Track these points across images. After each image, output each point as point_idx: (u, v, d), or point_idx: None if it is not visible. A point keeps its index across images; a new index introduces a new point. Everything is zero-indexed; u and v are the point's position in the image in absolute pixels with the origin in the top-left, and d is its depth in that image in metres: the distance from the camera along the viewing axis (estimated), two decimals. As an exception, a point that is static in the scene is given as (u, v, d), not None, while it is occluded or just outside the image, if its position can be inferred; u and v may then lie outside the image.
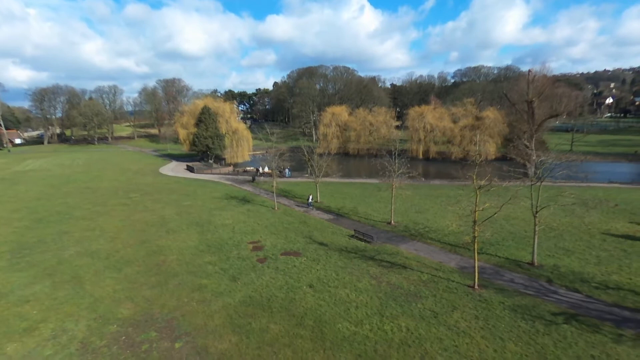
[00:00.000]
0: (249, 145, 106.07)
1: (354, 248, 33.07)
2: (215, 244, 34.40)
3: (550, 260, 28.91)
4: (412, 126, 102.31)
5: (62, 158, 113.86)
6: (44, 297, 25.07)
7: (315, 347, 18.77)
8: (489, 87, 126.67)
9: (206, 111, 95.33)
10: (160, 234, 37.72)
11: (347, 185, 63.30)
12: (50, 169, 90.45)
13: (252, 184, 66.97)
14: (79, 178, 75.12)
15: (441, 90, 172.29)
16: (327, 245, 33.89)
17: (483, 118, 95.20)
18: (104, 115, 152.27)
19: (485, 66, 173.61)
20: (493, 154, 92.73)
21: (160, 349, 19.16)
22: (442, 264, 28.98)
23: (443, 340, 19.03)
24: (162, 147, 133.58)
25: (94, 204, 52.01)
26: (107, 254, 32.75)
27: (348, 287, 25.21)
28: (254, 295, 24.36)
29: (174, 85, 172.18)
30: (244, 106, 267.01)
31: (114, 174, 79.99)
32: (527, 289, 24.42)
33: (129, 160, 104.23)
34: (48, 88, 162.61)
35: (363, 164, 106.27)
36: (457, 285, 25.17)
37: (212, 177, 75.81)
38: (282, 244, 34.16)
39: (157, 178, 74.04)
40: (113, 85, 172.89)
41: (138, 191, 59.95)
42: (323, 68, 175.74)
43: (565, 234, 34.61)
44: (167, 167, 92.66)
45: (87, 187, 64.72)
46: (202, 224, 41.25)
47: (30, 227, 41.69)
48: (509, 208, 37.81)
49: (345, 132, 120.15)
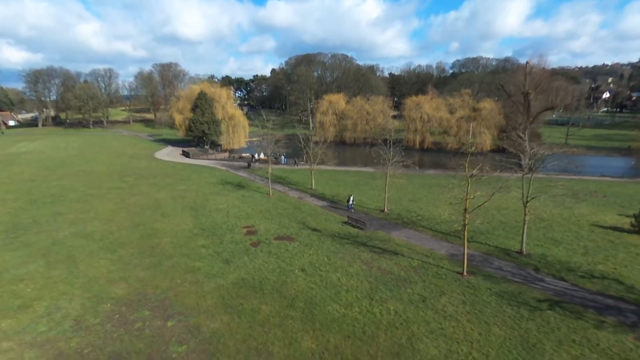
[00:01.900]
0: (245, 131, 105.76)
1: (346, 234, 33.46)
2: (209, 228, 34.67)
3: (538, 249, 29.45)
4: (408, 116, 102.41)
5: (57, 141, 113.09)
6: (38, 276, 25.32)
7: (305, 328, 19.21)
8: (487, 79, 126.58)
9: (203, 96, 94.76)
10: (155, 217, 37.93)
11: (342, 173, 63.57)
12: (45, 152, 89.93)
13: (248, 170, 67.05)
14: (73, 161, 74.84)
15: (439, 81, 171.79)
16: (320, 231, 34.25)
17: (480, 109, 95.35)
18: (99, 99, 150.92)
19: (484, 57, 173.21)
20: (489, 146, 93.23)
21: (153, 327, 19.53)
22: (432, 251, 29.45)
23: (430, 323, 19.52)
24: (158, 132, 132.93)
25: (88, 186, 52.00)
26: (102, 235, 32.96)
27: (339, 271, 25.64)
28: (246, 278, 24.74)
29: (170, 69, 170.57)
30: (241, 92, 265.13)
31: (109, 157, 79.71)
32: (515, 276, 24.95)
33: (124, 145, 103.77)
34: (42, 70, 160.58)
35: (359, 152, 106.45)
36: (446, 271, 25.66)
37: (208, 162, 75.79)
38: (275, 229, 34.48)
39: (152, 162, 73.93)
40: (108, 69, 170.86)
41: (133, 175, 59.92)
42: (321, 55, 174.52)
43: (554, 225, 35.16)
44: (163, 151, 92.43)
45: (81, 170, 64.57)
46: (197, 208, 41.46)
47: (25, 208, 41.73)
48: (500, 198, 38.39)
49: (342, 120, 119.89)
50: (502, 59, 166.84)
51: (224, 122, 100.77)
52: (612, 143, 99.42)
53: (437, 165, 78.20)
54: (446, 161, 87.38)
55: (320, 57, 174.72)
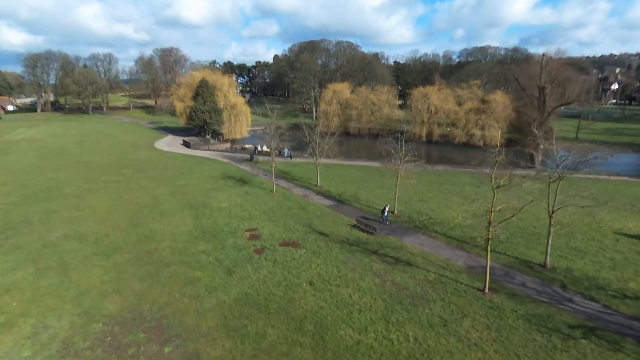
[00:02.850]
0: (248, 120, 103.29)
1: (355, 240, 31.53)
2: (210, 231, 32.75)
3: (562, 261, 27.50)
4: (415, 107, 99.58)
5: (56, 127, 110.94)
6: (26, 286, 23.50)
7: (315, 358, 17.37)
8: (495, 69, 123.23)
9: (204, 84, 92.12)
10: (153, 217, 36.00)
11: (348, 168, 61.33)
12: (43, 139, 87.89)
13: (250, 163, 64.93)
14: (71, 150, 72.79)
15: (445, 70, 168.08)
16: (328, 235, 32.33)
17: (489, 101, 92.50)
18: (99, 85, 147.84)
19: (492, 46, 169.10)
20: (498, 140, 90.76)
21: (148, 353, 17.73)
22: (449, 262, 27.51)
23: (454, 354, 17.66)
24: (158, 120, 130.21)
25: (85, 179, 50.02)
26: (96, 237, 31.08)
27: (350, 285, 23.75)
28: (250, 293, 22.87)
29: (171, 54, 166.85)
30: (243, 79, 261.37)
31: (108, 146, 77.62)
32: (541, 295, 23.04)
33: (123, 132, 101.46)
34: (40, 54, 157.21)
35: (364, 144, 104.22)
36: (466, 287, 23.76)
37: (209, 154, 73.62)
38: (280, 233, 32.56)
39: (152, 153, 71.82)
40: (108, 53, 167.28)
41: (132, 167, 57.87)
42: (326, 42, 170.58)
43: (576, 232, 33.14)
44: (163, 141, 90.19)
45: (79, 160, 62.53)
46: (197, 206, 39.50)
47: (18, 204, 39.86)
48: (517, 200, 36.36)
49: (347, 110, 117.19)
50: (510, 48, 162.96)
51: (225, 110, 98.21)
52: (624, 138, 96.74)
53: (445, 159, 75.94)
54: (454, 155, 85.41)
55: (324, 44, 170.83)
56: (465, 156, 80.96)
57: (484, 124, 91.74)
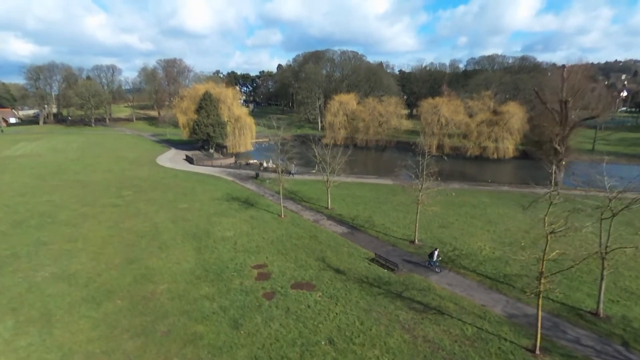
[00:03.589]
0: (252, 133, 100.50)
1: (376, 278, 28.23)
2: (214, 268, 29.54)
3: (615, 308, 24.08)
4: (425, 119, 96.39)
5: (57, 141, 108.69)
6: (2, 347, 20.35)
7: None
8: (505, 78, 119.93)
9: (207, 97, 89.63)
10: (152, 250, 32.85)
11: (358, 186, 58.12)
12: (42, 154, 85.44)
13: (256, 181, 61.92)
14: (70, 167, 70.07)
15: (452, 79, 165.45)
16: (345, 273, 29.05)
17: (502, 113, 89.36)
18: (102, 96, 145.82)
19: (499, 55, 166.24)
20: (511, 152, 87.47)
21: None
22: (485, 309, 24.11)
23: None
24: (162, 132, 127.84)
25: (82, 203, 47.07)
26: (87, 278, 27.94)
27: (377, 345, 20.43)
28: (261, 356, 19.56)
29: (174, 65, 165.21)
30: (247, 88, 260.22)
31: (108, 163, 74.90)
32: (600, 355, 19.63)
33: (125, 146, 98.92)
34: (43, 65, 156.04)
35: (372, 156, 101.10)
36: (512, 347, 20.37)
37: (213, 170, 70.70)
38: (291, 270, 29.30)
39: (153, 170, 68.93)
40: (111, 65, 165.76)
41: (132, 187, 54.93)
42: (330, 52, 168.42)
43: (622, 268, 29.67)
44: (165, 156, 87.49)
45: (77, 179, 59.68)
46: (200, 236, 36.35)
47: (6, 234, 36.87)
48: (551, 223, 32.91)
49: (353, 121, 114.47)
50: (518, 57, 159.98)
51: (229, 123, 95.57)
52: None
53: (459, 175, 72.51)
54: (467, 169, 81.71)
55: (329, 54, 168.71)
56: (479, 170, 77.92)
57: (497, 136, 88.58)
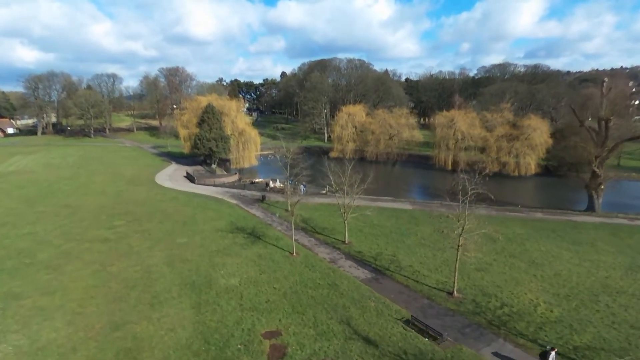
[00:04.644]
0: (257, 147, 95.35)
1: (416, 354, 22.72)
2: (215, 338, 24.03)
3: None
4: (440, 134, 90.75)
5: (53, 154, 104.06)
6: None
7: None
8: (521, 88, 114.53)
9: (210, 110, 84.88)
10: (141, 309, 27.39)
11: (376, 212, 51.68)
12: (35, 171, 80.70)
13: (262, 205, 56.61)
14: (62, 188, 65.04)
15: (462, 88, 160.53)
16: (377, 344, 23.55)
17: (523, 126, 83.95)
18: (101, 107, 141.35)
19: (511, 63, 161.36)
20: (533, 168, 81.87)
21: None
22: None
23: None
24: (162, 143, 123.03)
25: (67, 236, 41.83)
26: (59, 355, 22.49)
27: None
28: None
29: (177, 74, 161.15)
30: (250, 96, 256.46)
31: (104, 182, 69.86)
32: None
33: (123, 161, 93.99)
34: (42, 75, 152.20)
35: (382, 171, 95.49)
36: None
37: (215, 190, 65.47)
38: (311, 341, 23.78)
39: (151, 191, 63.68)
40: (112, 74, 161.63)
41: (125, 215, 49.68)
42: (337, 60, 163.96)
43: None
44: (165, 172, 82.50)
45: (66, 204, 54.49)
46: (200, 285, 30.94)
47: (-26, 281, 31.61)
48: (602, 267, 27.57)
49: (362, 133, 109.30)
50: (531, 65, 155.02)
51: (233, 137, 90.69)
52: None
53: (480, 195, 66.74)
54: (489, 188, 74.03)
55: (335, 62, 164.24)
56: (499, 188, 69.67)
57: (518, 152, 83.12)
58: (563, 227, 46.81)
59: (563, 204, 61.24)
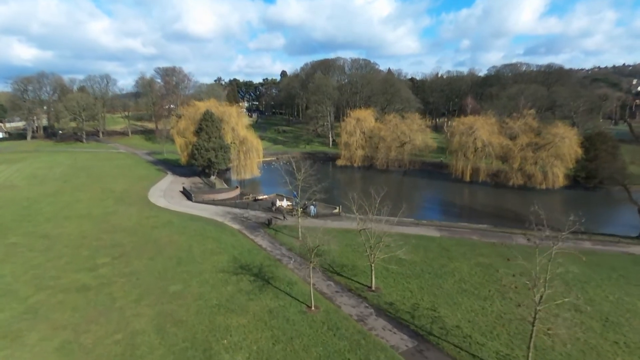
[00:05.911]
0: (259, 155, 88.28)
1: None
2: None
3: None
4: (457, 142, 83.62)
5: (40, 163, 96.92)
6: None
7: None
8: (540, 92, 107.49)
9: (209, 117, 77.97)
10: (118, 412, 20.55)
11: (398, 240, 42.71)
12: (17, 186, 73.72)
13: (269, 230, 49.70)
14: (43, 209, 58.02)
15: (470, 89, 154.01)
16: None
17: (549, 134, 76.99)
18: (93, 110, 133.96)
19: (524, 63, 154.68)
20: (561, 181, 74.91)
21: None
22: None
23: None
24: (158, 149, 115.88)
25: (37, 283, 34.70)
26: None
27: None
28: None
29: (173, 74, 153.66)
30: (250, 96, 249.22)
31: (90, 200, 62.84)
32: None
33: (115, 172, 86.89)
34: (32, 76, 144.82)
35: (394, 181, 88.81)
36: None
37: (214, 210, 58.53)
38: None
39: (143, 212, 56.62)
40: (105, 75, 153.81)
41: (111, 248, 42.63)
42: (341, 60, 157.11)
43: None
44: (160, 186, 75.61)
45: (44, 234, 47.42)
46: (197, 365, 24.07)
47: None
48: None
49: (371, 140, 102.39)
50: (544, 64, 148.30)
51: (234, 146, 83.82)
52: None
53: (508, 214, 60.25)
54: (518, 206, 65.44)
55: (339, 62, 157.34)
56: (524, 203, 60.46)
57: (545, 162, 76.23)
58: (623, 263, 39.96)
59: (601, 224, 54.57)
